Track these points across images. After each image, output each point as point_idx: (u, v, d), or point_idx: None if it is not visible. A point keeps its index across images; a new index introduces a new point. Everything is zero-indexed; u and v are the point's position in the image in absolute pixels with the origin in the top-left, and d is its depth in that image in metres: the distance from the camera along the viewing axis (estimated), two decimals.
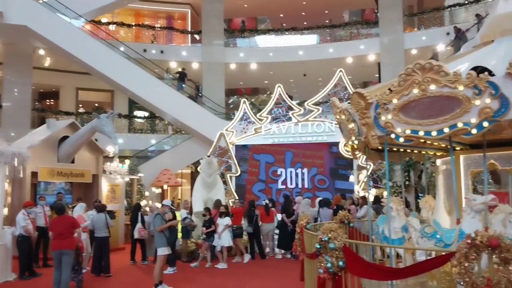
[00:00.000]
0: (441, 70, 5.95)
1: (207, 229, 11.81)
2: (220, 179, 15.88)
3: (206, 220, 12.03)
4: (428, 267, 5.37)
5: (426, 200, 8.83)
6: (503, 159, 7.18)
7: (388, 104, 6.55)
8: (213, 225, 11.88)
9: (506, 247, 4.62)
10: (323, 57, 24.16)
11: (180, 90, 22.61)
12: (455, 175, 7.26)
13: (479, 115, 5.79)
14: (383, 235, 7.73)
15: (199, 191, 14.62)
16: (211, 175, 14.79)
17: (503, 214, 6.33)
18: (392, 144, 7.86)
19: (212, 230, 11.82)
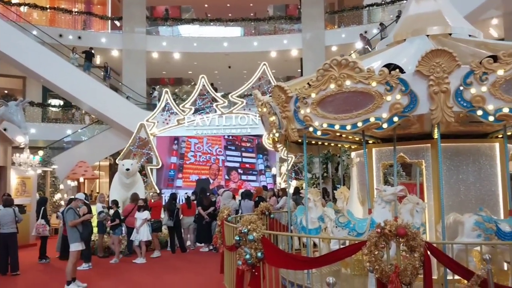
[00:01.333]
0: (356, 67, 6.17)
1: (112, 223, 11.41)
2: (140, 177, 15.34)
3: (113, 213, 11.61)
4: (342, 255, 5.57)
5: (341, 191, 9.19)
6: (412, 152, 7.62)
7: (307, 98, 6.68)
8: (117, 218, 11.51)
9: (412, 235, 4.91)
10: (248, 50, 24.30)
11: (87, 71, 21.51)
12: (367, 167, 7.60)
13: (390, 110, 6.08)
14: (301, 225, 7.92)
15: (118, 190, 14.01)
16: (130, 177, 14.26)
17: (411, 204, 6.72)
18: (311, 137, 8.05)
19: (117, 224, 11.45)
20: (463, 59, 5.87)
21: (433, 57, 5.80)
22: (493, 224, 6.16)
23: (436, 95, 5.80)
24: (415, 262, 4.77)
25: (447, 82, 5.76)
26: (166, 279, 9.45)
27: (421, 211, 6.70)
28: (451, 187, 7.25)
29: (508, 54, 5.53)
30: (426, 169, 7.41)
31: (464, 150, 7.43)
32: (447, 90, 5.77)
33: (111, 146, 21.13)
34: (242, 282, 6.23)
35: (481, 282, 4.44)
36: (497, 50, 5.74)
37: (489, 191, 7.29)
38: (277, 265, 6.37)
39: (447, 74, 5.74)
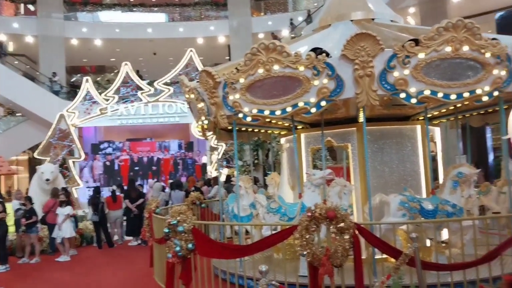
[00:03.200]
0: (283, 51, 6.11)
1: (27, 220, 10.64)
2: (62, 178, 14.35)
3: (27, 210, 10.80)
4: (274, 241, 5.53)
5: (272, 177, 9.21)
6: (339, 136, 7.75)
7: (235, 83, 6.54)
8: (34, 216, 10.75)
9: (341, 217, 4.94)
10: (173, 36, 23.66)
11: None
12: (297, 152, 7.63)
13: (317, 95, 6.10)
14: (233, 213, 7.82)
15: (37, 194, 12.86)
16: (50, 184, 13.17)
17: (339, 187, 6.84)
18: (241, 124, 7.94)
19: (34, 221, 10.70)
20: (386, 43, 5.99)
21: (357, 41, 5.87)
22: (416, 203, 6.41)
23: (361, 79, 5.89)
24: (345, 244, 4.81)
25: (371, 66, 5.86)
26: (92, 276, 8.96)
27: (349, 193, 6.84)
28: (376, 169, 7.46)
29: (429, 37, 5.71)
30: (352, 152, 7.58)
31: (388, 133, 7.68)
32: (372, 73, 5.87)
33: (29, 139, 19.74)
34: (173, 275, 6.00)
35: (409, 259, 4.56)
36: (418, 34, 5.92)
37: (412, 172, 7.60)
38: (208, 256, 6.22)
39: (372, 57, 5.84)
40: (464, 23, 5.71)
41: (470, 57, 5.82)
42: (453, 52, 5.74)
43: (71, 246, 11.19)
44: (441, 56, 5.76)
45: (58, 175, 13.74)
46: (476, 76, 5.91)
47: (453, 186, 6.58)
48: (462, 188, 6.65)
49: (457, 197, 6.56)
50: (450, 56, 5.77)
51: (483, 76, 5.91)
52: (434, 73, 5.84)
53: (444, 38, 5.71)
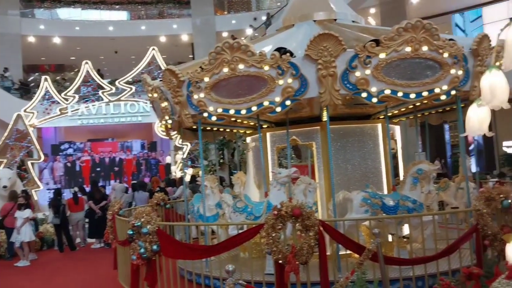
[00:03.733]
0: (248, 50, 6.12)
1: None
2: (20, 182, 13.83)
3: None
4: (240, 240, 5.53)
5: (238, 176, 9.21)
6: (303, 135, 7.84)
7: (200, 82, 6.50)
8: None
9: (307, 215, 5.01)
10: (135, 34, 23.27)
11: None
12: (262, 151, 7.67)
13: (282, 94, 6.14)
14: (198, 213, 7.77)
15: None
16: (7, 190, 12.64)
17: (303, 184, 6.92)
18: (206, 123, 7.90)
19: None
20: (348, 43, 6.10)
21: (320, 41, 5.95)
22: (378, 200, 6.57)
23: (324, 78, 5.97)
24: (310, 241, 4.88)
25: (334, 66, 5.96)
26: (54, 281, 8.70)
27: (313, 190, 6.94)
28: (340, 166, 7.59)
29: (389, 38, 5.86)
30: (316, 151, 7.68)
31: (351, 132, 7.82)
32: (334, 73, 5.97)
33: None
34: (137, 277, 5.91)
35: (372, 255, 4.67)
36: (378, 35, 6.05)
37: (373, 169, 7.77)
38: (174, 257, 6.17)
39: (334, 58, 5.93)
40: (423, 24, 5.88)
41: (429, 57, 6.01)
42: (412, 52, 5.90)
43: (31, 250, 10.83)
44: (401, 56, 5.92)
45: (16, 179, 13.26)
46: (434, 76, 6.11)
47: (413, 183, 6.78)
48: (422, 184, 6.86)
49: (417, 193, 6.77)
50: (409, 56, 5.93)
51: (441, 75, 6.11)
52: (394, 73, 6.00)
53: (403, 38, 5.87)
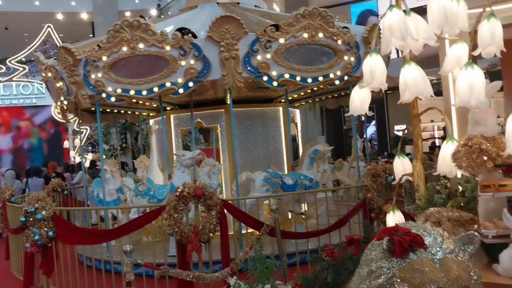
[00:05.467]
0: (148, 29, 5.99)
1: None
2: None
3: None
4: (141, 223, 5.48)
5: (141, 160, 9.02)
6: (208, 117, 7.89)
7: (97, 61, 6.24)
8: None
9: (209, 195, 5.09)
10: (28, 10, 21.44)
11: None
12: (166, 134, 7.59)
13: (185, 76, 6.12)
14: (98, 198, 7.51)
15: None
16: None
17: (208, 166, 6.98)
18: (105, 105, 7.62)
19: None
20: (250, 27, 6.23)
21: (222, 23, 6.00)
22: (278, 179, 6.85)
23: (227, 61, 6.05)
24: (212, 220, 4.98)
25: (236, 49, 6.05)
26: None
27: (218, 172, 7.03)
28: (244, 148, 7.77)
29: (288, 23, 6.07)
30: (221, 133, 7.78)
31: (254, 115, 8.02)
32: (237, 56, 6.06)
33: None
34: (32, 265, 5.61)
35: (270, 230, 4.88)
36: (278, 20, 6.26)
37: (275, 150, 8.06)
38: (72, 243, 5.93)
39: (236, 40, 6.02)
40: (319, 11, 6.18)
41: (324, 44, 6.34)
42: (309, 38, 6.18)
43: None
44: (299, 42, 6.17)
45: None
46: (329, 62, 6.47)
47: (310, 162, 7.17)
48: (318, 164, 7.27)
49: (313, 172, 7.16)
50: (307, 42, 6.21)
51: (335, 61, 6.49)
52: (293, 58, 6.25)
53: (301, 24, 6.12)
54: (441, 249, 1.83)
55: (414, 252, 1.81)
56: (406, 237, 1.85)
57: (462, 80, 2.39)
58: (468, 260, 1.86)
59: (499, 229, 2.42)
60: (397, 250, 1.82)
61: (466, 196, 2.92)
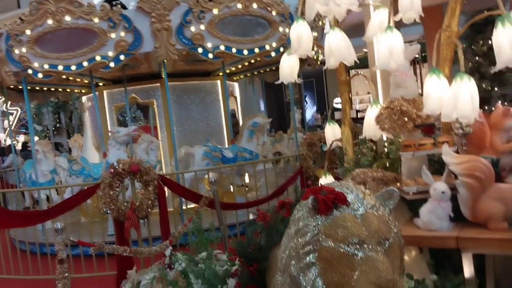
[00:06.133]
0: (75, 1, 5.69)
1: None
2: None
3: None
4: (75, 202, 5.31)
5: (75, 139, 8.70)
6: (143, 93, 7.69)
7: (20, 35, 5.89)
8: None
9: (145, 170, 4.99)
10: None
11: None
12: (99, 111, 7.33)
13: (115, 48, 5.89)
14: (31, 180, 7.18)
15: None
16: None
17: (145, 143, 6.83)
18: (33, 82, 7.24)
19: None
20: None
21: None
22: (218, 153, 6.84)
23: (159, 32, 5.88)
24: (150, 196, 4.90)
25: (168, 20, 5.88)
26: None
27: (156, 148, 6.90)
28: (182, 123, 7.67)
29: None
30: (157, 108, 7.62)
31: (191, 88, 7.91)
32: (169, 27, 5.90)
33: None
34: None
35: (209, 202, 4.89)
36: None
37: (215, 125, 8.03)
38: (4, 226, 5.67)
39: (168, 11, 5.86)
40: None
41: (259, 15, 6.31)
42: (243, 9, 6.12)
43: None
44: (233, 12, 6.10)
45: None
46: (264, 33, 6.45)
47: (250, 135, 7.19)
48: (257, 136, 7.31)
49: (253, 145, 7.20)
50: (241, 13, 6.15)
51: (270, 33, 6.49)
52: (228, 29, 6.18)
53: None
54: (363, 205, 1.89)
55: (338, 209, 1.86)
56: (330, 195, 1.91)
57: (382, 44, 2.47)
58: (388, 214, 1.94)
59: (419, 186, 2.55)
60: (321, 208, 1.88)
61: (390, 158, 3.05)
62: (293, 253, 1.93)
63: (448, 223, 2.35)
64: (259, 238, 2.63)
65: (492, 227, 2.23)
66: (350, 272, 1.74)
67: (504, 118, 2.46)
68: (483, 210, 2.26)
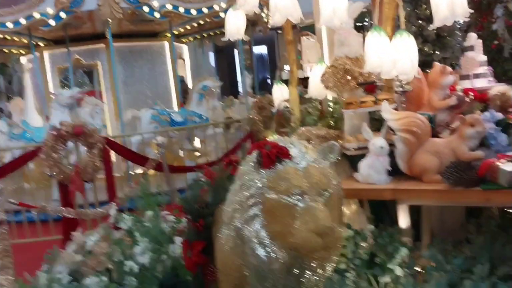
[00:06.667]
0: None
1: None
2: None
3: None
4: (14, 166, 5.11)
5: (16, 103, 8.30)
6: (87, 54, 7.38)
7: None
8: None
9: (89, 133, 4.84)
10: None
11: None
12: (40, 73, 6.99)
13: (55, 5, 5.59)
14: None
15: None
16: None
17: (90, 106, 6.61)
18: None
19: None
20: None
21: None
22: (167, 116, 6.72)
23: None
24: (95, 159, 4.78)
25: None
26: None
27: (101, 112, 6.70)
28: (128, 85, 7.46)
29: None
30: (102, 70, 7.36)
31: (138, 50, 7.67)
32: None
33: None
34: None
35: (157, 165, 4.84)
36: None
37: (163, 87, 7.86)
38: None
39: None
40: None
41: None
42: None
43: None
44: None
45: None
46: None
47: (199, 98, 7.09)
48: (207, 100, 7.22)
49: (203, 109, 7.12)
50: None
51: None
52: None
53: None
54: (305, 159, 1.94)
55: (281, 163, 1.90)
56: (273, 150, 1.94)
57: (326, 1, 2.47)
58: (329, 167, 2.00)
59: (360, 142, 2.64)
60: (265, 162, 1.91)
61: (335, 117, 3.13)
62: (238, 207, 1.97)
63: (386, 176, 2.45)
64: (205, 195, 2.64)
65: (426, 179, 2.35)
66: (292, 222, 1.80)
67: (441, 76, 2.56)
68: (418, 164, 2.37)
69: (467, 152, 2.25)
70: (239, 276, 2.14)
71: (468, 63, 3.06)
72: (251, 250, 1.90)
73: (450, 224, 2.78)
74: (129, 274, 2.58)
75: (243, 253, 1.99)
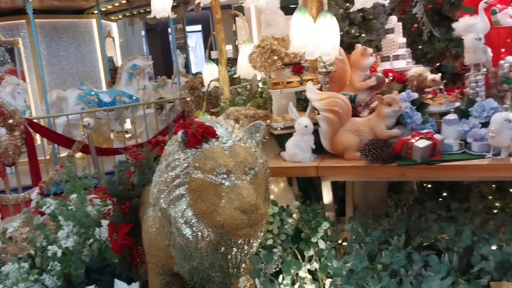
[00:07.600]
0: None
1: None
2: None
3: None
4: None
5: None
6: (6, 30, 6.91)
7: None
8: None
9: (10, 114, 4.57)
10: None
11: None
12: None
13: None
14: None
15: None
16: None
17: (11, 86, 6.25)
18: None
19: None
20: None
21: None
22: (94, 96, 6.47)
23: None
24: (16, 141, 4.53)
25: None
26: None
27: (23, 92, 6.35)
28: (53, 64, 7.10)
29: None
30: (24, 47, 6.93)
31: (63, 27, 7.28)
32: None
33: None
34: None
35: (83, 147, 4.66)
36: None
37: (90, 66, 7.54)
38: None
39: None
40: None
41: None
42: None
43: None
44: None
45: None
46: None
47: (129, 78, 6.89)
48: (137, 79, 7.03)
49: (133, 89, 6.93)
50: None
51: None
52: None
53: None
54: (231, 138, 1.95)
55: (207, 142, 1.90)
56: (199, 129, 1.94)
57: None
58: (255, 146, 2.02)
59: (286, 122, 2.70)
60: (191, 141, 1.90)
61: (263, 97, 3.17)
62: (164, 187, 1.95)
63: (311, 154, 2.53)
64: (131, 177, 2.59)
65: (347, 157, 2.46)
66: (218, 200, 1.81)
67: (362, 57, 2.66)
68: (340, 142, 2.46)
69: (384, 131, 2.37)
70: (166, 256, 2.14)
71: (388, 45, 3.20)
72: (177, 230, 1.90)
73: (372, 199, 2.93)
74: (53, 259, 2.49)
75: (170, 234, 1.99)
